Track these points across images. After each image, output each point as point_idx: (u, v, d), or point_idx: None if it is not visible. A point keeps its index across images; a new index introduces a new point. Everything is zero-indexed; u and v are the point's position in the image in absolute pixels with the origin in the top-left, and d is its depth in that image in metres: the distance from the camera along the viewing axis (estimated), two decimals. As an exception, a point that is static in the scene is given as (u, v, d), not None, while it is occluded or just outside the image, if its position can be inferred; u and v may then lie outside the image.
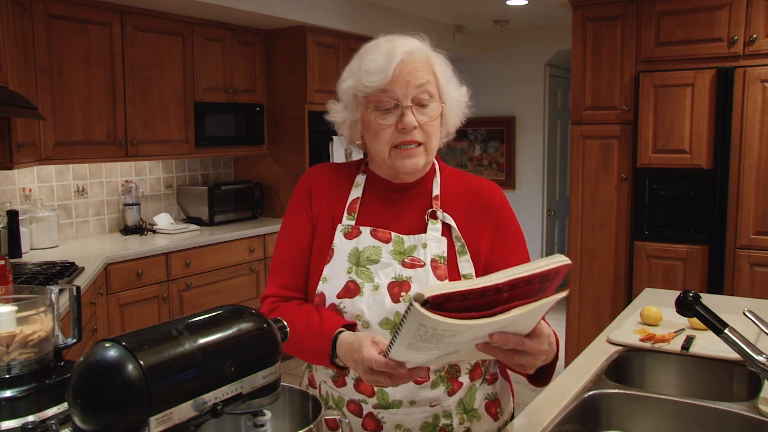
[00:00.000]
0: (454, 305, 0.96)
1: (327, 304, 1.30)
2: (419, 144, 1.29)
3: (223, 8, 4.01)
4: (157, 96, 4.07)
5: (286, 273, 1.39)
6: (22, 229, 3.40)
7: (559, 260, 1.01)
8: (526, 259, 1.37)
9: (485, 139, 6.66)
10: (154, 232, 4.21)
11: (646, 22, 3.73)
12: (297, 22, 4.54)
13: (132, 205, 4.21)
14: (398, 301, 1.26)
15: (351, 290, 1.29)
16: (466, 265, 1.31)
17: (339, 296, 1.29)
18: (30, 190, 3.80)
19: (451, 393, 1.31)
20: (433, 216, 1.32)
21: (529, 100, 6.42)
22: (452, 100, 1.33)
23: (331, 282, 1.31)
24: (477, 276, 1.32)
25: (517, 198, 6.45)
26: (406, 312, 0.95)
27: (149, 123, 4.03)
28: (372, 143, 1.32)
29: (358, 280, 1.29)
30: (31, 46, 3.39)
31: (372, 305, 1.27)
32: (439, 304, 0.95)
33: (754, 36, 3.46)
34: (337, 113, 1.37)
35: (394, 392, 1.27)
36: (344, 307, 1.28)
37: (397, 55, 1.26)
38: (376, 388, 1.27)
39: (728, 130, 3.52)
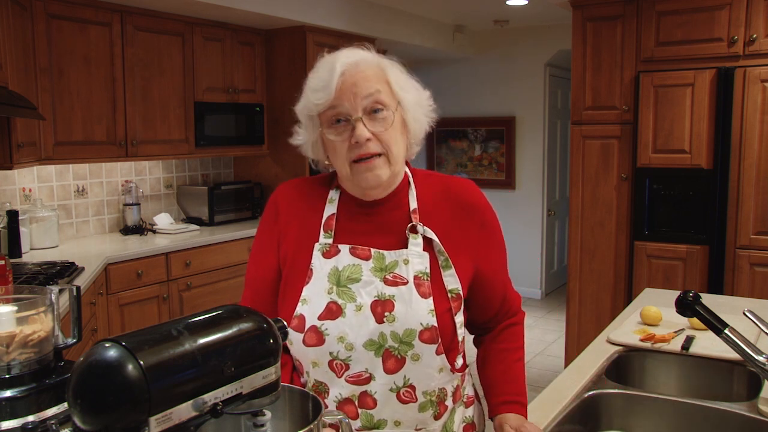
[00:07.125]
0: None
1: (307, 326, 1.25)
2: (379, 155, 1.24)
3: (223, 8, 4.01)
4: (157, 96, 4.07)
5: (249, 292, 1.41)
6: (22, 229, 3.40)
7: None
8: (503, 260, 1.38)
9: (485, 139, 6.66)
10: (154, 232, 4.21)
11: (646, 22, 3.72)
12: (297, 22, 4.53)
13: (132, 205, 4.21)
14: (382, 321, 1.22)
15: (333, 311, 1.24)
16: (451, 279, 1.27)
17: (320, 318, 1.24)
18: (30, 190, 3.80)
19: (437, 417, 1.28)
20: (414, 230, 1.27)
21: (529, 100, 6.42)
22: (412, 106, 1.28)
23: (311, 303, 1.26)
24: (464, 291, 1.29)
25: (517, 198, 6.45)
26: None
27: (149, 123, 4.03)
28: (334, 162, 1.28)
29: (340, 301, 1.24)
30: (31, 46, 3.39)
31: (355, 326, 1.22)
32: None
33: (754, 36, 3.46)
34: (298, 136, 1.35)
35: (379, 412, 1.23)
36: (326, 329, 1.23)
37: (337, 69, 1.21)
38: (359, 410, 1.24)
39: (728, 130, 3.51)
